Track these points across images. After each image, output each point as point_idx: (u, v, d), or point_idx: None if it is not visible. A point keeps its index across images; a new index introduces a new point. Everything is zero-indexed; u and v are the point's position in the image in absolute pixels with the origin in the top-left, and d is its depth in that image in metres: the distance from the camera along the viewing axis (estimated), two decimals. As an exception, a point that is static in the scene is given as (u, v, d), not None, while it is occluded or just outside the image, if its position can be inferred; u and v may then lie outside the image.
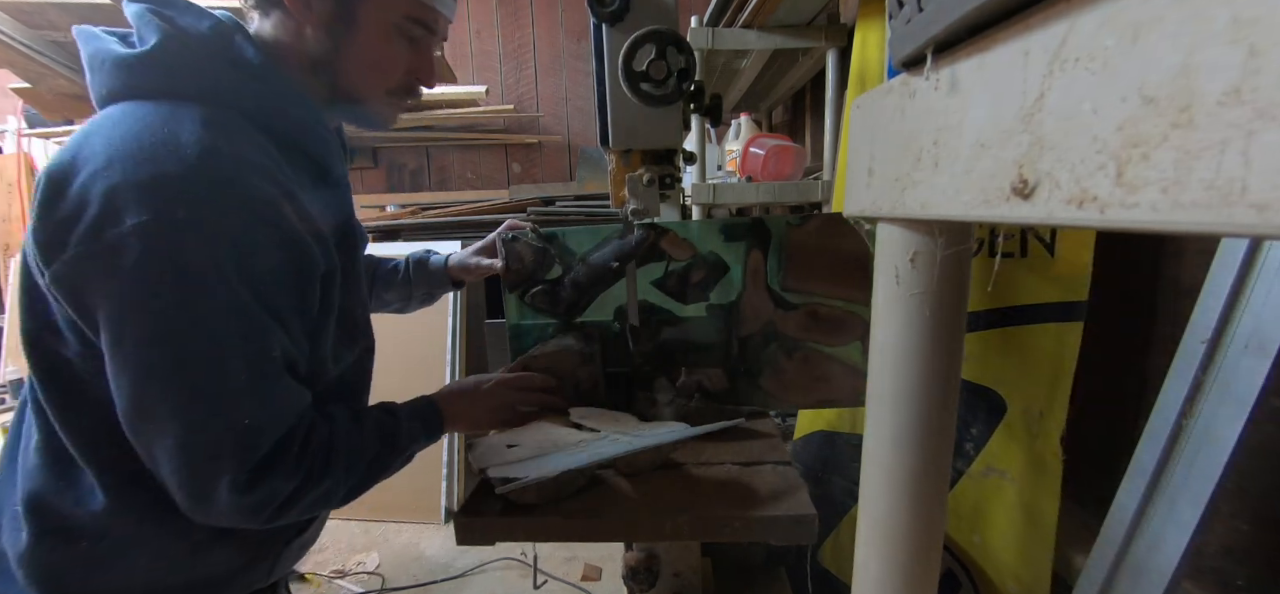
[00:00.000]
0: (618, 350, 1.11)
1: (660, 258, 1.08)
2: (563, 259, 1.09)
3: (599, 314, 1.11)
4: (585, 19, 0.83)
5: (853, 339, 1.09)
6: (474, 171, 3.03)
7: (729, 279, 1.09)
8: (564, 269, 1.09)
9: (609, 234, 1.08)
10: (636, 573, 0.94)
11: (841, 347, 1.10)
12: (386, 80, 0.72)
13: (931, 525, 0.49)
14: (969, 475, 1.09)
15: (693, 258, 1.08)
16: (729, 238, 1.08)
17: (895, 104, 0.43)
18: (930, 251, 0.43)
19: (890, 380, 0.48)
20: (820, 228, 1.07)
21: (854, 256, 1.07)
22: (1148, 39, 0.22)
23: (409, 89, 0.75)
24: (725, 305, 1.10)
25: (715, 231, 1.08)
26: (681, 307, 1.10)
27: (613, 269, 1.05)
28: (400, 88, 0.74)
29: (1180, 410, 0.77)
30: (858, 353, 1.10)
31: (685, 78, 0.81)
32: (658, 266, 1.09)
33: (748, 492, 0.80)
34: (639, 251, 1.04)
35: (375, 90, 0.72)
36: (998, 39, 0.31)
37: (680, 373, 1.03)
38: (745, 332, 1.10)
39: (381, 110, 0.75)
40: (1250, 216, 0.18)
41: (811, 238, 1.07)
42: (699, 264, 1.09)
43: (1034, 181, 0.28)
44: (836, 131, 1.49)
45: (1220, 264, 0.75)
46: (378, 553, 2.11)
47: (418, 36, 0.72)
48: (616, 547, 1.82)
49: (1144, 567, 0.79)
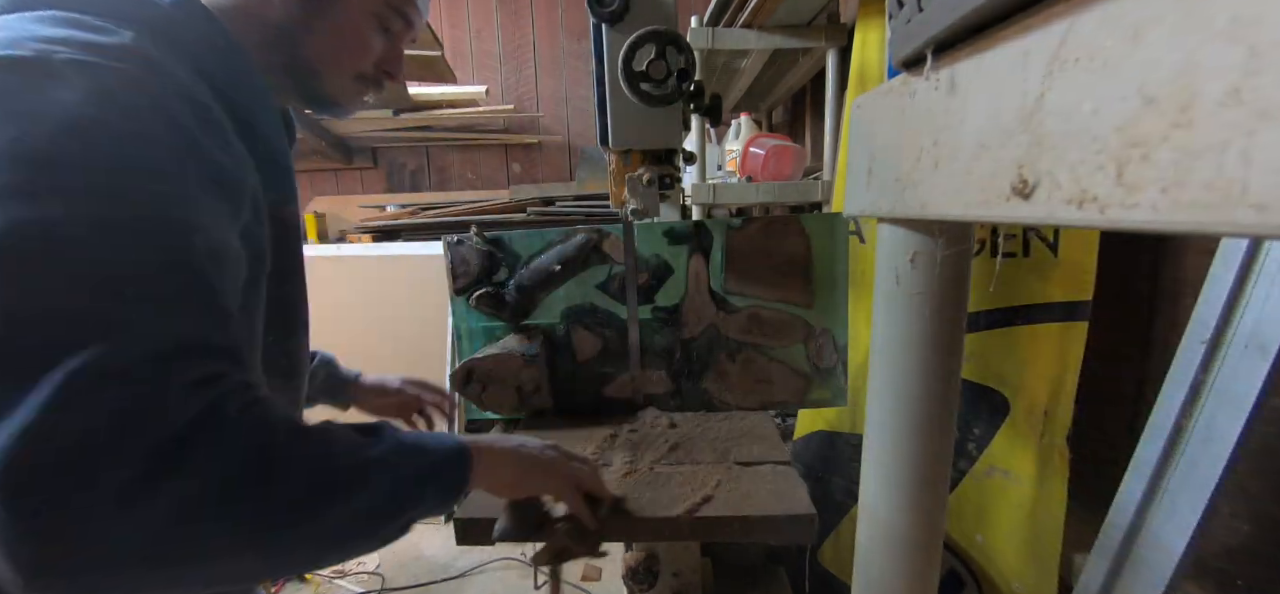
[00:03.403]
0: (565, 354, 1.14)
1: (604, 261, 1.10)
2: (508, 263, 1.10)
3: (546, 317, 1.13)
4: (585, 19, 0.83)
5: (795, 342, 1.11)
6: (474, 171, 3.03)
7: (673, 282, 1.10)
8: (510, 273, 1.10)
9: (553, 238, 1.09)
10: (636, 573, 0.94)
11: (784, 348, 1.11)
12: (356, 64, 0.67)
13: (932, 525, 0.49)
14: (972, 475, 1.09)
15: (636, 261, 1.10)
16: (673, 240, 1.09)
17: (895, 104, 0.43)
18: (930, 251, 0.43)
19: (890, 380, 0.48)
20: (761, 231, 1.08)
21: (795, 260, 1.08)
22: (1148, 39, 0.22)
23: (376, 79, 0.71)
24: (671, 308, 1.11)
25: (659, 235, 1.09)
26: (627, 310, 1.11)
27: (555, 272, 1.06)
28: (369, 76, 0.69)
29: (1180, 410, 0.77)
30: (801, 355, 1.11)
31: (685, 78, 0.80)
32: (602, 270, 1.10)
33: (748, 492, 0.80)
34: (581, 255, 1.07)
35: (342, 71, 0.67)
36: (998, 39, 0.31)
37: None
38: (688, 334, 1.12)
39: (342, 94, 0.68)
40: (1250, 216, 0.18)
41: (752, 241, 1.08)
42: (643, 267, 1.10)
43: (1034, 182, 0.28)
44: (836, 131, 1.49)
45: (1220, 264, 0.75)
46: (377, 553, 2.12)
47: (395, 29, 0.69)
48: (616, 547, 1.82)
49: (1144, 567, 0.79)
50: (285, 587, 1.97)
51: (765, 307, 1.10)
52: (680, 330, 1.11)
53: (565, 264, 1.06)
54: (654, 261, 1.10)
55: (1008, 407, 1.04)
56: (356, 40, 0.66)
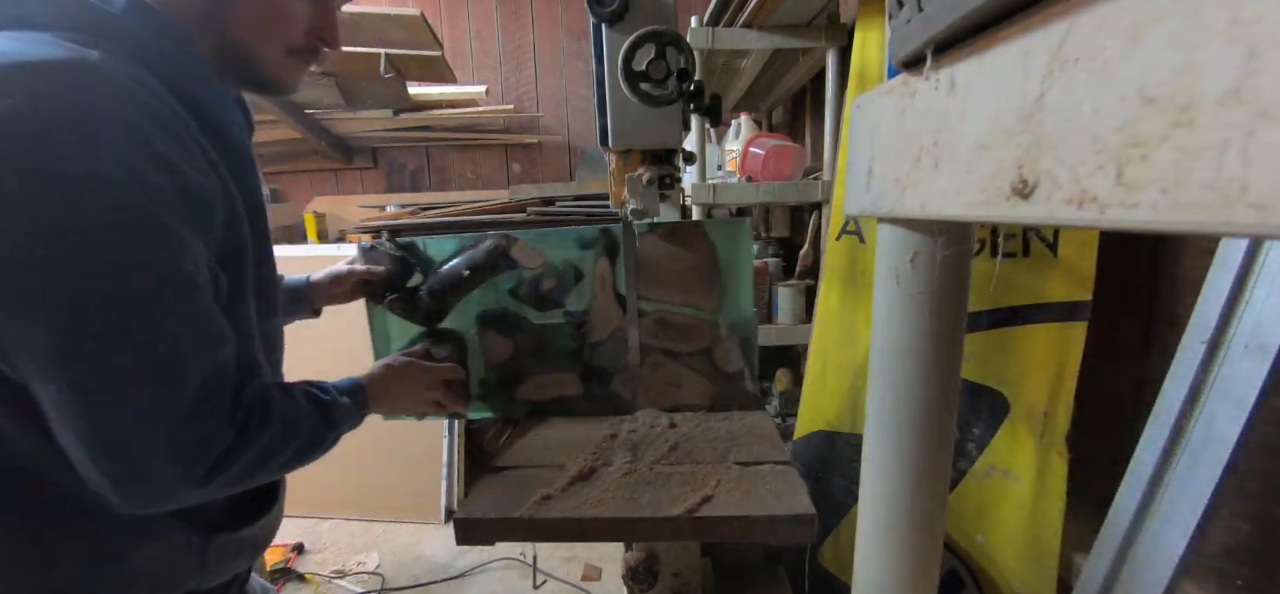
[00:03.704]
0: None
1: (512, 267, 1.11)
2: (423, 267, 1.11)
3: (460, 321, 1.14)
4: (585, 19, 0.83)
5: (703, 345, 1.12)
6: (474, 171, 3.03)
7: (583, 286, 1.11)
8: (425, 276, 1.11)
9: (466, 242, 1.10)
10: (636, 573, 0.94)
11: (692, 352, 1.12)
12: (284, 36, 0.64)
13: (931, 525, 0.49)
14: (972, 475, 1.09)
15: (543, 266, 1.11)
16: (582, 246, 1.11)
17: (895, 104, 0.43)
18: (930, 252, 0.43)
19: (890, 380, 0.48)
20: (665, 236, 1.09)
21: (699, 265, 1.09)
22: (1148, 39, 0.22)
23: (312, 49, 0.68)
24: (581, 313, 1.12)
25: (569, 239, 1.11)
26: (539, 314, 1.13)
27: (464, 277, 1.08)
28: (302, 47, 0.66)
29: (1180, 410, 0.77)
30: (708, 360, 1.12)
31: (685, 78, 0.80)
32: (513, 275, 1.12)
33: (747, 492, 0.80)
34: (490, 261, 1.09)
35: (271, 46, 0.64)
36: (998, 39, 0.31)
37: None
38: (595, 338, 1.13)
39: (279, 71, 0.66)
40: (1250, 216, 0.18)
41: (657, 246, 1.09)
42: (549, 272, 1.11)
43: (1034, 181, 0.28)
44: (836, 132, 1.49)
45: (1220, 264, 0.75)
46: (378, 553, 2.12)
47: None
48: (616, 547, 1.82)
49: (1144, 567, 0.79)
50: (285, 586, 1.97)
51: (672, 311, 1.11)
52: (589, 334, 1.13)
53: (474, 269, 1.08)
54: (560, 267, 1.12)
55: (1008, 407, 1.04)
56: (277, 10, 0.63)
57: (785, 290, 1.65)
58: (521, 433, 1.08)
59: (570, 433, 1.05)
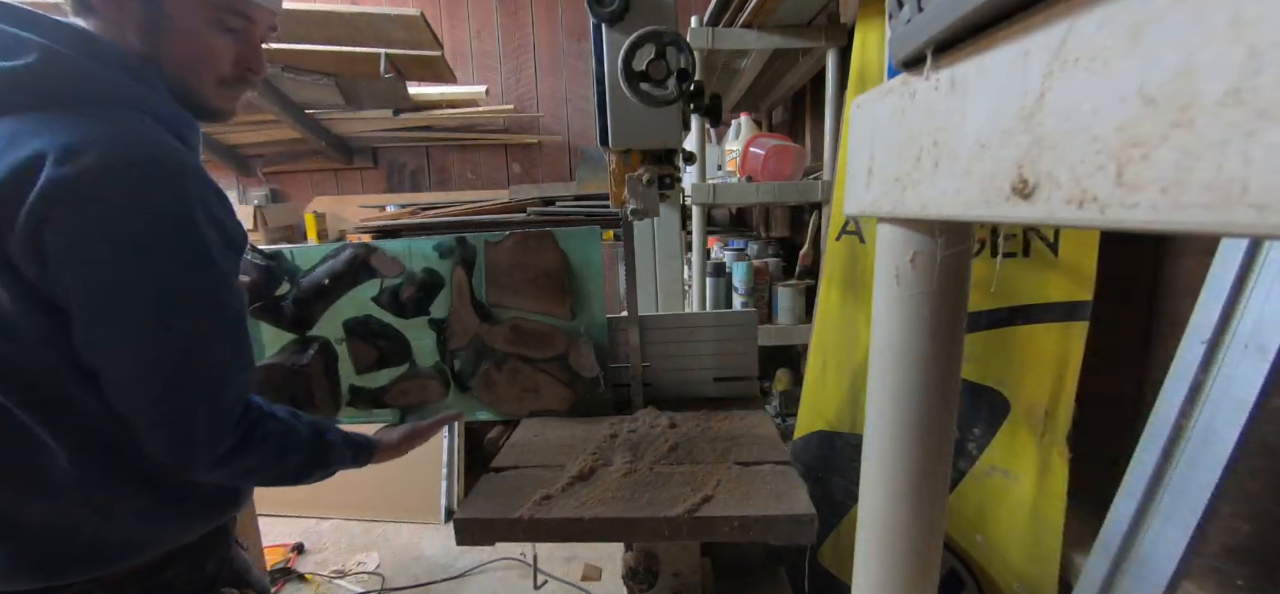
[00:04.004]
0: None
1: (373, 275, 1.13)
2: (289, 276, 1.13)
3: (328, 328, 1.16)
4: (585, 19, 0.83)
5: (558, 352, 1.13)
6: (474, 171, 3.03)
7: (445, 294, 1.13)
8: (292, 285, 1.13)
9: (329, 251, 1.13)
10: (636, 573, 0.94)
11: (547, 358, 1.13)
12: (213, 69, 0.72)
13: (931, 525, 0.49)
14: (972, 475, 1.09)
15: (402, 275, 1.13)
16: (442, 254, 1.13)
17: (895, 104, 0.43)
18: (930, 252, 0.43)
19: (890, 380, 0.47)
20: (516, 245, 1.10)
21: (550, 272, 1.10)
22: (1148, 39, 0.22)
23: (241, 78, 0.75)
24: (441, 320, 1.14)
25: (428, 248, 1.13)
26: (404, 321, 1.15)
27: (325, 286, 1.11)
28: (232, 78, 0.74)
29: (1180, 410, 0.77)
30: (564, 365, 1.14)
31: (685, 78, 0.80)
32: (374, 284, 1.14)
33: (747, 492, 0.80)
34: (350, 270, 1.11)
35: (203, 82, 0.72)
36: (998, 39, 0.31)
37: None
38: (454, 345, 1.15)
39: (214, 99, 0.74)
40: (1250, 216, 0.18)
41: (508, 255, 1.11)
42: (408, 281, 1.13)
43: (1034, 181, 0.28)
44: (836, 131, 1.49)
45: (1220, 264, 0.75)
46: (378, 553, 2.12)
47: (237, 27, 0.72)
48: (616, 547, 1.82)
49: (1144, 566, 0.79)
50: (285, 586, 1.97)
51: (526, 318, 1.13)
52: (449, 341, 1.15)
53: (334, 279, 1.11)
54: (419, 275, 1.13)
55: (1008, 407, 1.04)
56: (200, 47, 0.70)
57: (785, 290, 1.65)
58: (522, 433, 1.08)
59: (570, 433, 1.05)
